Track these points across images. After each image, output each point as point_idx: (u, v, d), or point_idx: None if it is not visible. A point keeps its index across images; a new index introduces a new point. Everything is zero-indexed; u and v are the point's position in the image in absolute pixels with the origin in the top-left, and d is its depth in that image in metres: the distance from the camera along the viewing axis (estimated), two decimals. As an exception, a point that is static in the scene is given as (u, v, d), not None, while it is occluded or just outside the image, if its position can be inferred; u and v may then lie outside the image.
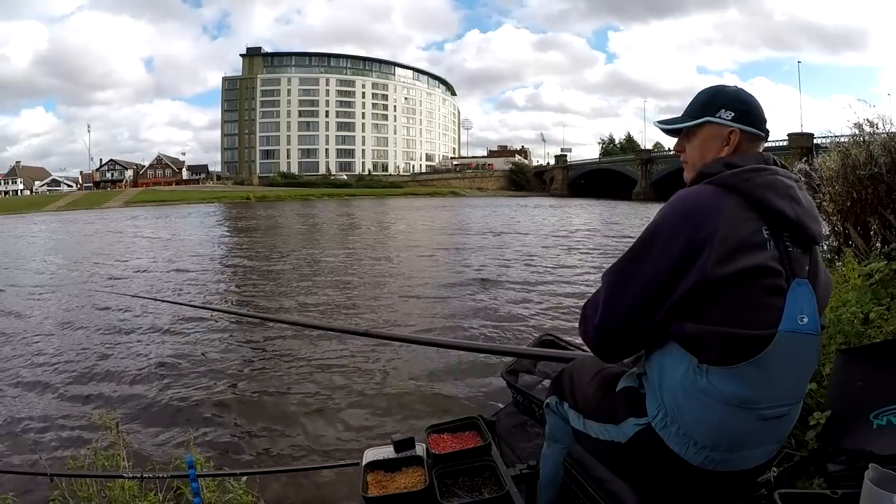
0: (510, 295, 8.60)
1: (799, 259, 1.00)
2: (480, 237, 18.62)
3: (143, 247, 18.00)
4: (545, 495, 1.39)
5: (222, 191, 69.42)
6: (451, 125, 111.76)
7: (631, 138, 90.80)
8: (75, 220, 35.33)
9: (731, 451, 1.01)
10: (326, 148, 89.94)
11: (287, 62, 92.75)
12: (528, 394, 2.06)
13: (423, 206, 43.24)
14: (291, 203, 55.67)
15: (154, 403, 4.47)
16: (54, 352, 6.03)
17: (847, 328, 1.84)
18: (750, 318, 0.95)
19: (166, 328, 6.85)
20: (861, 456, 1.25)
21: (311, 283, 10.18)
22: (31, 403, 4.53)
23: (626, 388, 1.14)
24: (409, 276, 10.82)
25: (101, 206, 55.14)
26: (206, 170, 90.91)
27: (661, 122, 1.21)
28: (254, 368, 5.36)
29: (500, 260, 12.84)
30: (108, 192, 72.71)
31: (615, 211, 34.14)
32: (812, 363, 1.05)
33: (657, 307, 1.00)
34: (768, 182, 1.01)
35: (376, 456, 1.55)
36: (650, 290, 1.00)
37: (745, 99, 1.11)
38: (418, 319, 7.28)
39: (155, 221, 31.79)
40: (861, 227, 2.93)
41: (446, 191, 73.38)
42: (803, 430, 1.50)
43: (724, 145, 1.09)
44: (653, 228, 1.02)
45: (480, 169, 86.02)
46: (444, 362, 5.10)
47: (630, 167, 62.31)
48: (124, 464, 2.32)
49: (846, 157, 3.00)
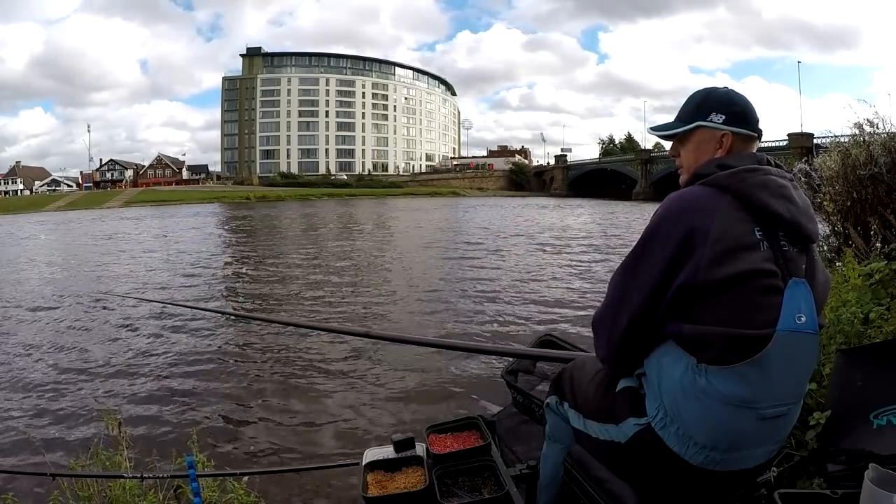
0: (511, 295, 8.59)
1: (795, 258, 1.01)
2: (481, 237, 18.62)
3: (143, 247, 17.99)
4: (545, 495, 1.39)
5: (222, 191, 69.43)
6: (451, 125, 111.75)
7: (631, 138, 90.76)
8: (75, 220, 35.34)
9: (730, 451, 1.01)
10: (326, 148, 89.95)
11: (287, 62, 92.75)
12: (528, 394, 2.06)
13: (423, 207, 43.23)
14: (291, 203, 55.69)
15: (154, 403, 4.48)
16: (55, 352, 6.04)
17: (847, 328, 1.83)
18: (747, 318, 0.95)
19: (167, 329, 6.86)
20: (861, 456, 1.25)
21: (311, 283, 10.18)
22: (32, 403, 4.54)
23: (626, 388, 1.14)
24: (409, 277, 10.83)
25: (102, 206, 55.18)
26: (206, 170, 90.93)
27: (654, 128, 1.22)
28: (254, 369, 5.36)
29: (500, 260, 12.85)
30: (108, 192, 72.74)
31: (616, 211, 34.13)
32: (811, 362, 1.05)
33: (657, 307, 1.01)
34: (762, 182, 1.01)
35: (376, 456, 1.55)
36: (649, 293, 1.01)
37: (737, 100, 1.11)
38: (418, 320, 7.29)
39: (155, 221, 31.79)
40: (861, 227, 2.93)
41: (446, 191, 73.36)
42: (803, 430, 1.50)
43: (718, 148, 1.10)
44: (648, 232, 1.04)
45: (480, 169, 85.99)
46: (444, 363, 5.11)
47: (630, 167, 62.30)
48: (126, 464, 2.31)
49: (846, 157, 3.00)
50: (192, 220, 32.11)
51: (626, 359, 1.11)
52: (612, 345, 1.10)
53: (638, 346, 1.07)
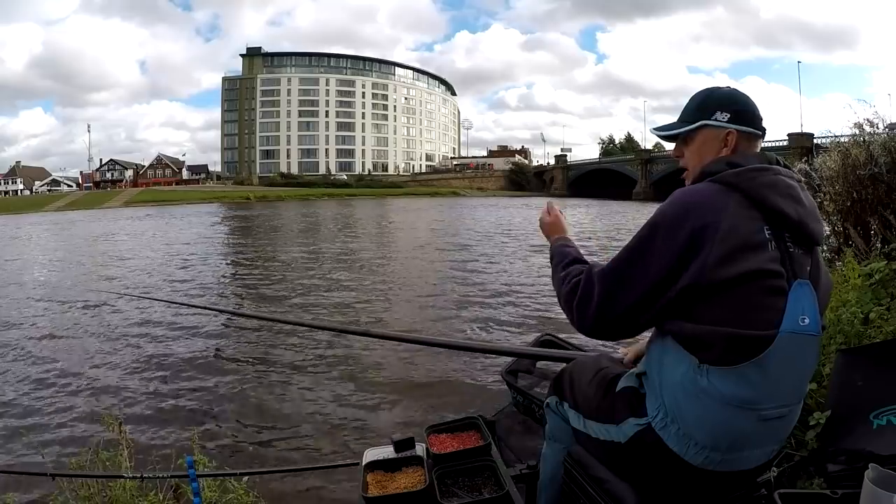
0: (511, 295, 8.60)
1: (800, 259, 1.00)
2: (481, 237, 18.62)
3: (143, 247, 17.99)
4: (545, 495, 1.39)
5: (222, 191, 69.44)
6: (452, 125, 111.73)
7: (631, 138, 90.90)
8: (75, 220, 35.33)
9: (731, 452, 1.01)
10: (326, 148, 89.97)
11: (287, 62, 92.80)
12: (527, 394, 2.05)
13: (423, 207, 43.21)
14: (291, 203, 55.67)
15: (154, 403, 4.48)
16: (55, 352, 6.04)
17: (847, 328, 1.83)
18: (751, 319, 0.95)
19: (167, 328, 6.86)
20: (861, 456, 1.25)
21: (311, 282, 10.18)
22: (32, 403, 4.54)
23: (627, 388, 1.13)
24: (409, 277, 10.83)
25: (102, 205, 55.20)
26: (205, 170, 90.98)
27: (657, 128, 1.20)
28: (254, 368, 5.36)
29: (500, 260, 12.85)
30: (109, 192, 72.78)
31: (616, 211, 34.12)
32: (812, 364, 1.05)
33: (659, 298, 0.98)
34: (771, 182, 1.01)
35: (376, 456, 1.54)
36: (653, 282, 0.98)
37: (740, 99, 1.11)
38: (418, 319, 7.29)
39: (155, 221, 31.79)
40: (861, 227, 2.93)
41: (446, 191, 73.32)
42: (803, 430, 1.50)
43: (723, 147, 1.09)
44: (653, 222, 1.01)
45: (481, 169, 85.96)
46: (444, 362, 5.11)
47: (630, 167, 62.27)
48: (126, 464, 2.31)
49: (846, 157, 3.00)
50: (192, 219, 32.10)
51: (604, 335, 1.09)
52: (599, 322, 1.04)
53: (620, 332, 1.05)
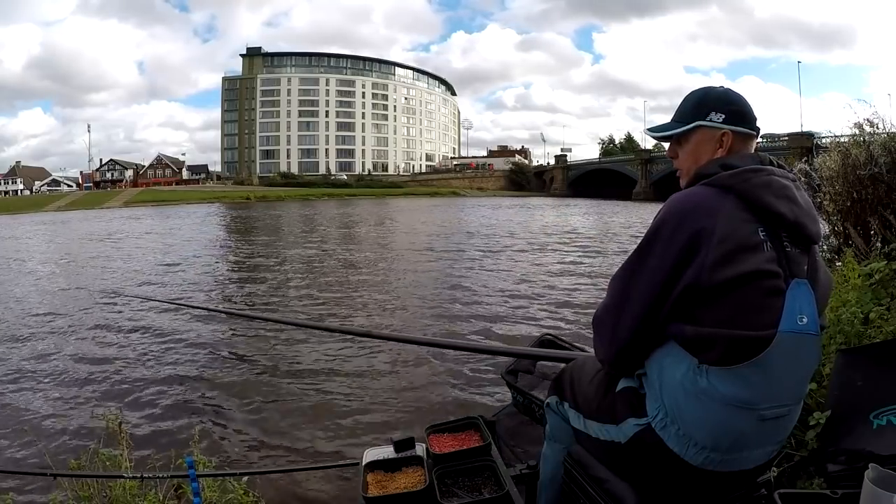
0: (511, 295, 8.59)
1: (797, 259, 1.00)
2: (481, 237, 18.63)
3: (142, 247, 17.98)
4: (545, 495, 1.39)
5: (222, 191, 69.40)
6: (452, 125, 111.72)
7: (631, 138, 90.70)
8: (76, 220, 35.33)
9: (731, 452, 1.01)
10: (326, 148, 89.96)
11: (287, 62, 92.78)
12: (528, 394, 2.05)
13: (423, 207, 43.22)
14: (291, 203, 55.66)
15: (154, 403, 4.48)
16: (55, 352, 6.03)
17: (847, 328, 1.83)
18: (749, 320, 0.95)
19: (167, 329, 6.86)
20: (861, 456, 1.25)
21: (311, 283, 10.19)
22: (33, 403, 4.54)
23: (627, 389, 1.13)
24: (409, 277, 10.83)
25: (102, 205, 55.15)
26: (205, 170, 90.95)
27: (651, 129, 1.20)
28: (254, 369, 5.36)
29: (500, 260, 12.84)
30: (109, 192, 72.70)
31: (616, 211, 34.12)
32: (812, 363, 1.05)
33: (661, 309, 1.00)
34: (765, 182, 1.01)
35: (376, 456, 1.54)
36: (653, 295, 1.00)
37: (735, 99, 1.11)
38: (418, 319, 7.28)
39: (155, 221, 31.78)
40: (861, 227, 2.93)
41: (446, 191, 73.31)
42: (803, 430, 1.50)
43: (718, 147, 1.09)
44: (651, 233, 1.03)
45: (481, 169, 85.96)
46: (444, 362, 5.11)
47: (630, 167, 62.26)
48: (126, 464, 2.31)
49: (846, 157, 3.00)
50: (192, 219, 32.11)
51: (627, 360, 1.11)
52: (614, 346, 1.10)
53: (639, 347, 1.07)
